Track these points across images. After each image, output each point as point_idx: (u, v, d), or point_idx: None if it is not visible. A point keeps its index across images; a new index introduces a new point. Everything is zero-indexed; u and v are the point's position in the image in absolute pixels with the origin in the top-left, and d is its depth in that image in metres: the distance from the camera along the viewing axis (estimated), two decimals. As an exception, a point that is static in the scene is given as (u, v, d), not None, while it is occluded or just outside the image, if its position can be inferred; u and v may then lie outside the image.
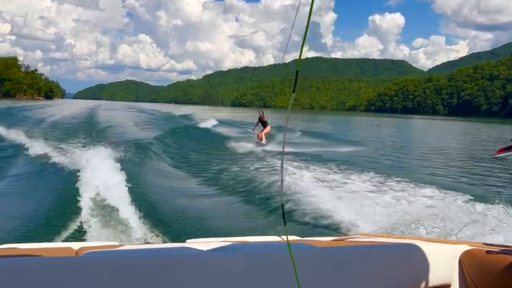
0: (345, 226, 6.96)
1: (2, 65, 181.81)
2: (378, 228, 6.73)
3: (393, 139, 35.81)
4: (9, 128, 18.74)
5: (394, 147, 25.94)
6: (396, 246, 1.92)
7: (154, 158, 14.08)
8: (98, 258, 1.45)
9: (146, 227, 6.60)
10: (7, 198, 8.43)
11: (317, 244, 1.86)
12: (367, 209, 7.92)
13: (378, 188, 9.97)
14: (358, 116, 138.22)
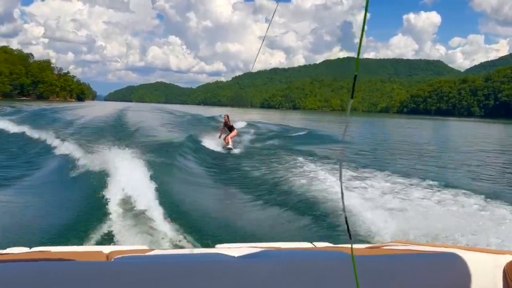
0: (378, 233, 6.78)
1: (37, 68, 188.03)
2: (412, 235, 6.53)
3: (427, 142, 34.96)
4: (39, 130, 19.31)
5: (428, 150, 25.31)
6: (434, 255, 1.84)
7: (182, 160, 14.17)
8: (129, 264, 1.46)
9: (174, 230, 6.61)
10: (38, 200, 8.62)
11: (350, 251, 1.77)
12: (400, 216, 7.70)
13: (412, 193, 9.71)
14: (390, 118, 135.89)
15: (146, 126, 29.61)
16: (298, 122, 67.83)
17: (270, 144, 21.11)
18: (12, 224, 6.87)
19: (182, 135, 21.19)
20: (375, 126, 70.91)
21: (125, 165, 9.45)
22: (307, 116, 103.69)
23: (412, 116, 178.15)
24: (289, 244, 2.59)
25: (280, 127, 40.64)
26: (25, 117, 32.69)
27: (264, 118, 61.56)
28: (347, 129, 3.55)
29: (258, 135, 27.75)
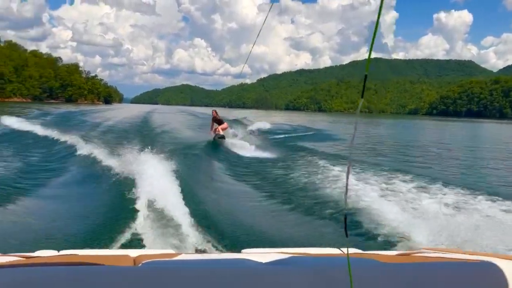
0: (407, 240, 6.59)
1: (65, 71, 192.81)
2: (444, 242, 6.33)
3: (458, 144, 34.16)
4: (66, 132, 19.64)
5: (458, 153, 24.73)
6: (469, 264, 1.77)
7: (207, 164, 14.24)
8: (157, 269, 1.48)
9: (200, 235, 6.60)
10: (65, 203, 8.77)
11: (380, 259, 1.78)
12: (431, 222, 7.48)
13: (443, 199, 9.46)
14: (418, 120, 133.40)
15: (171, 128, 29.92)
16: (323, 124, 67.35)
17: (296, 147, 20.93)
18: (40, 227, 6.99)
19: (206, 137, 21.28)
20: (404, 128, 69.67)
21: (151, 168, 9.52)
22: (333, 119, 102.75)
23: (441, 118, 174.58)
24: (317, 250, 2.55)
25: (305, 130, 40.39)
26: (52, 119, 33.46)
27: (288, 121, 61.33)
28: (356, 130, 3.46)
29: (282, 137, 27.67)
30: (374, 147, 23.66)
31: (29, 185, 10.23)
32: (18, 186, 9.91)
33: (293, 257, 1.89)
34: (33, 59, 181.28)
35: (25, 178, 11.01)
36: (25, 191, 9.43)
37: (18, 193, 9.13)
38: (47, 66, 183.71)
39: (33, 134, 20.21)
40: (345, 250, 2.42)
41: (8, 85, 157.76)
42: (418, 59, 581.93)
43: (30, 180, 10.86)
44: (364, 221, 7.48)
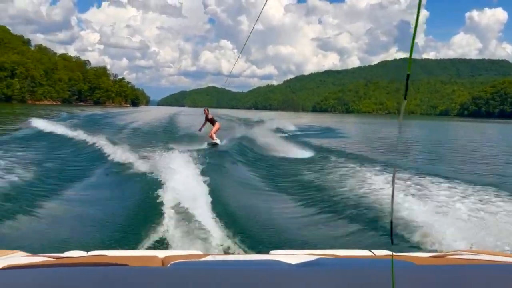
0: (441, 241, 6.43)
1: (93, 74, 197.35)
2: (480, 244, 6.18)
3: (492, 145, 33.21)
4: (94, 134, 19.99)
5: (493, 155, 24.04)
6: (506, 266, 1.71)
7: (234, 164, 14.26)
8: (186, 270, 1.49)
9: (228, 236, 6.60)
10: (93, 204, 8.90)
11: (414, 261, 1.75)
12: (466, 223, 7.33)
13: (479, 200, 9.20)
14: (448, 121, 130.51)
15: (196, 130, 30.08)
16: (352, 126, 66.71)
17: (324, 148, 20.77)
18: (69, 228, 7.13)
19: (230, 139, 21.31)
20: (434, 129, 68.32)
21: (178, 169, 9.61)
22: (361, 120, 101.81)
23: (473, 119, 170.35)
24: (347, 251, 2.54)
25: (332, 131, 40.07)
26: (80, 122, 34.20)
27: (315, 122, 61.00)
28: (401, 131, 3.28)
29: (309, 139, 27.50)
30: (405, 148, 23.20)
31: (58, 186, 10.42)
32: (47, 188, 10.10)
33: (322, 258, 1.87)
34: (63, 62, 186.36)
35: (53, 179, 11.22)
36: (54, 192, 9.60)
37: (47, 195, 9.31)
38: (76, 69, 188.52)
39: (62, 136, 20.64)
40: (376, 251, 2.47)
41: (39, 88, 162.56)
42: (449, 58, 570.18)
43: (58, 181, 11.07)
44: (397, 222, 7.33)
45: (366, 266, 1.63)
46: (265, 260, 1.87)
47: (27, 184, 9.93)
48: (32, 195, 9.08)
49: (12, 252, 2.44)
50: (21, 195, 8.80)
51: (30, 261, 2.02)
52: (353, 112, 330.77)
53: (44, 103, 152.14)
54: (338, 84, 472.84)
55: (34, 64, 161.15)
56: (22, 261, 2.00)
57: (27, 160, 13.00)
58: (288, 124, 38.71)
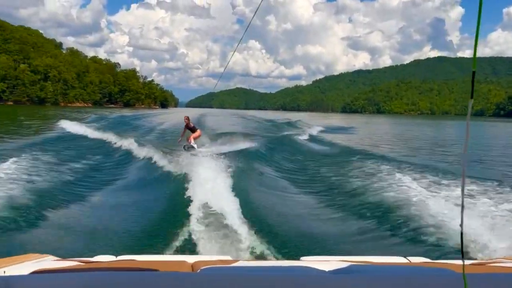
0: (483, 248, 6.24)
1: (123, 76, 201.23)
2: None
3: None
4: (123, 136, 20.27)
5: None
6: None
7: (263, 168, 14.18)
8: (216, 275, 1.47)
9: (258, 241, 6.56)
10: (121, 208, 9.01)
11: (454, 269, 1.69)
12: (508, 229, 7.05)
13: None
14: (483, 122, 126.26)
15: (225, 132, 30.19)
16: (383, 127, 65.65)
17: (355, 151, 20.40)
18: (99, 233, 7.21)
19: (258, 141, 21.21)
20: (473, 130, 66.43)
21: (207, 173, 9.63)
22: (393, 121, 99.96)
23: (508, 119, 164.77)
24: (381, 258, 2.49)
25: (362, 132, 39.49)
26: (109, 124, 34.71)
27: (345, 124, 60.30)
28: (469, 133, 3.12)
29: (339, 141, 27.15)
30: (441, 150, 22.66)
31: (87, 190, 10.56)
32: (75, 192, 10.25)
33: (355, 265, 1.83)
34: (93, 65, 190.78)
35: (82, 183, 11.39)
36: (83, 197, 9.75)
37: (76, 199, 9.47)
38: (106, 72, 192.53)
39: (90, 138, 20.94)
40: (412, 259, 2.43)
41: (71, 90, 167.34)
42: (486, 57, 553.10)
43: (87, 185, 11.23)
44: (435, 229, 7.13)
45: (401, 273, 1.57)
46: (296, 267, 1.84)
47: (54, 189, 10.05)
48: (60, 199, 9.22)
49: (42, 256, 2.48)
50: (49, 199, 8.92)
51: (60, 265, 2.03)
52: (383, 112, 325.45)
53: (76, 105, 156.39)
54: (368, 84, 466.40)
55: (66, 67, 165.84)
56: (53, 265, 2.02)
57: (58, 164, 13.28)
58: (317, 126, 38.38)
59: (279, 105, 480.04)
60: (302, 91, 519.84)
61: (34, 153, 14.15)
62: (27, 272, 1.69)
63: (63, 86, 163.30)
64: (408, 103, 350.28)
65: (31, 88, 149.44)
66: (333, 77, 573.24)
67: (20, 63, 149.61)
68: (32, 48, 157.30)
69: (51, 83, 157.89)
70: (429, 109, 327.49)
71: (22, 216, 7.32)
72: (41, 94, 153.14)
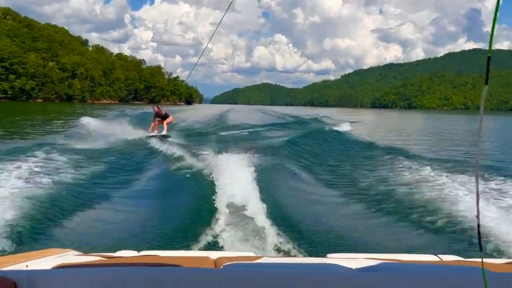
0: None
1: (148, 73, 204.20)
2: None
3: None
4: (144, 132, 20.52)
5: None
6: None
7: (288, 164, 14.13)
8: (239, 272, 1.47)
9: (282, 237, 6.52)
10: (144, 203, 9.09)
11: (488, 267, 1.63)
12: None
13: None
14: None
15: (248, 128, 30.25)
16: (414, 123, 64.60)
17: (387, 148, 20.06)
18: (121, 228, 7.27)
19: (285, 137, 21.16)
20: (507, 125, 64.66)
21: (231, 168, 9.63)
22: (425, 116, 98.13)
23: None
24: (411, 256, 2.48)
25: (391, 128, 38.88)
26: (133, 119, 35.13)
27: (373, 119, 59.52)
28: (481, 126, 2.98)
29: (366, 137, 26.81)
30: (470, 147, 22.10)
31: (110, 186, 10.69)
32: (99, 187, 10.37)
33: (384, 263, 1.81)
34: (119, 62, 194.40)
35: (106, 178, 11.52)
36: (105, 192, 9.85)
37: (99, 194, 9.57)
38: (132, 69, 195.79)
39: (113, 134, 21.18)
40: (442, 257, 2.42)
41: (98, 87, 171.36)
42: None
43: (110, 180, 11.37)
44: (468, 226, 6.97)
45: (432, 272, 1.56)
46: (322, 264, 1.83)
47: (77, 184, 10.20)
48: (82, 194, 9.36)
49: (64, 250, 2.52)
50: (71, 194, 9.06)
51: (82, 260, 2.06)
52: (415, 107, 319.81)
53: (103, 102, 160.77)
54: (400, 78, 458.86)
55: (93, 64, 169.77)
56: (74, 260, 2.05)
57: (80, 159, 13.43)
58: (344, 122, 37.96)
59: (306, 100, 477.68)
60: (330, 86, 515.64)
61: (56, 150, 14.39)
62: (49, 266, 1.71)
63: (90, 83, 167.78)
64: (441, 97, 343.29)
65: (59, 85, 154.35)
66: (362, 71, 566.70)
67: (49, 61, 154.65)
68: (59, 46, 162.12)
69: (79, 80, 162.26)
70: (463, 104, 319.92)
71: (45, 211, 7.43)
72: (69, 91, 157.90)
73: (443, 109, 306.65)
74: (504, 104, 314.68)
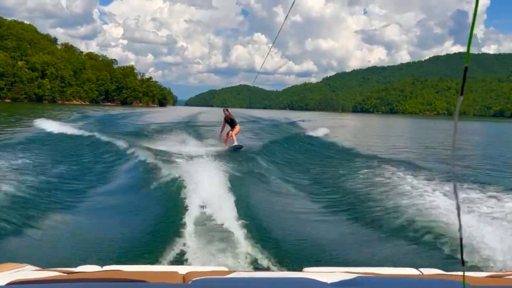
0: (497, 259, 6.20)
1: (121, 73, 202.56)
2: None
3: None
4: (110, 137, 19.92)
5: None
6: None
7: (264, 171, 14.06)
8: (209, 287, 1.43)
9: (256, 250, 6.45)
10: (108, 215, 8.81)
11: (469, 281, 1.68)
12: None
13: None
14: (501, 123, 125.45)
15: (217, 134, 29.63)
16: (394, 128, 65.52)
17: (365, 156, 20.17)
18: (83, 241, 7.07)
19: (259, 142, 21.00)
20: (489, 133, 66.19)
21: (203, 176, 9.50)
22: (407, 121, 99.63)
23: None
24: (390, 269, 2.50)
25: (371, 135, 39.34)
26: (95, 123, 34.23)
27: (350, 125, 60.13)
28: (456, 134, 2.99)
29: (347, 144, 26.95)
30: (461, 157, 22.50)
31: (71, 195, 10.31)
32: (58, 197, 10.01)
33: (362, 277, 1.82)
34: (90, 61, 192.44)
35: (64, 187, 11.09)
36: (66, 203, 9.53)
37: (58, 205, 9.26)
38: (103, 68, 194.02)
39: (72, 139, 20.60)
40: (424, 270, 2.43)
41: (68, 88, 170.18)
42: (510, 53, 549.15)
43: (70, 190, 10.93)
44: (450, 239, 7.03)
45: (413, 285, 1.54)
46: (298, 278, 1.83)
47: (35, 193, 9.78)
48: (42, 204, 9.02)
49: (20, 265, 2.44)
50: (28, 204, 8.72)
51: (40, 275, 2.01)
52: (397, 112, 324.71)
53: (73, 103, 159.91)
54: (383, 82, 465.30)
55: (63, 64, 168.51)
56: (31, 276, 2.00)
57: (36, 167, 12.93)
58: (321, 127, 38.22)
59: (285, 104, 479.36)
60: (311, 89, 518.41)
61: (8, 155, 13.90)
62: (3, 283, 1.66)
63: (60, 83, 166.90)
64: (423, 102, 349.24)
65: (29, 85, 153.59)
66: (345, 74, 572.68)
67: (18, 60, 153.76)
68: (28, 45, 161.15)
69: (49, 80, 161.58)
70: (446, 109, 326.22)
71: None
72: (39, 92, 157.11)
73: (425, 115, 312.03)
74: (487, 110, 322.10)
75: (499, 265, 6.04)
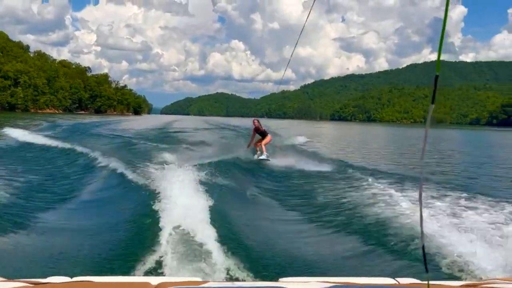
0: (475, 268, 6.19)
1: (94, 81, 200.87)
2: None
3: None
4: (80, 145, 19.70)
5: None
6: None
7: (240, 180, 14.01)
8: None
9: (231, 260, 6.38)
10: (78, 224, 8.70)
11: None
12: (502, 247, 7.01)
13: None
14: (477, 131, 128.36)
15: (196, 142, 29.51)
16: (370, 136, 66.27)
17: (343, 164, 20.28)
18: (51, 251, 6.92)
19: (234, 151, 20.91)
20: (464, 140, 67.54)
21: (176, 185, 9.39)
22: (385, 128, 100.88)
23: (503, 129, 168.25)
24: (367, 279, 2.50)
25: (347, 143, 39.73)
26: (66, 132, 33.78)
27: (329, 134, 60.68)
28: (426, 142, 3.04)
29: (322, 153, 27.11)
30: (434, 162, 22.87)
31: (39, 204, 10.16)
32: (26, 206, 9.83)
33: (338, 286, 1.82)
34: (63, 69, 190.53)
35: (34, 197, 10.92)
36: (34, 211, 9.37)
37: (26, 214, 9.08)
38: (76, 76, 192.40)
39: (40, 148, 20.25)
40: (400, 279, 2.45)
41: (42, 96, 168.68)
42: (488, 61, 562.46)
43: (39, 199, 10.78)
44: (427, 248, 7.07)
45: None
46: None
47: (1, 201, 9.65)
48: (9, 213, 8.85)
49: None
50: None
51: (6, 286, 1.98)
52: (375, 120, 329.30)
53: (46, 111, 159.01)
54: (361, 90, 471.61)
55: (36, 72, 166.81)
56: None
57: (1, 177, 12.65)
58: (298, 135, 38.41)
59: (263, 112, 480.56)
60: (289, 97, 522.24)
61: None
62: None
63: (33, 92, 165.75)
64: (400, 110, 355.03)
65: (1, 94, 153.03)
66: (323, 82, 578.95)
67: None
68: (1, 53, 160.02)
69: (22, 89, 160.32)
70: (422, 117, 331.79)
71: None
72: (12, 100, 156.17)
73: (402, 123, 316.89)
74: (464, 118, 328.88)
75: (478, 273, 6.04)
